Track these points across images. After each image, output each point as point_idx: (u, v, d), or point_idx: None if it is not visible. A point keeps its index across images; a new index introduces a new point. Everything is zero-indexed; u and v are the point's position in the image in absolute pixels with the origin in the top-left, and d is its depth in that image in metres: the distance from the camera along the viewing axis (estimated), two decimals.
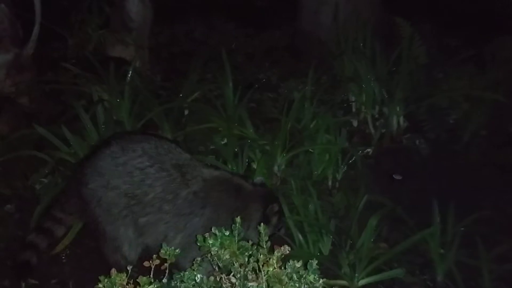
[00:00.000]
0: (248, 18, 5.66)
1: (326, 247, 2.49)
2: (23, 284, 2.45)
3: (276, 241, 2.61)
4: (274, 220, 2.39)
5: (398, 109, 3.73)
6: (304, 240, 2.48)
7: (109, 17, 4.71)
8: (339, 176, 3.15)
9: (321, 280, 1.43)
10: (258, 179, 2.54)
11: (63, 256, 2.67)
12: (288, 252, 1.54)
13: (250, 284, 1.55)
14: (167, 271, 1.59)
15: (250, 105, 4.14)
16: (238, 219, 1.67)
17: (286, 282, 1.45)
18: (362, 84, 3.76)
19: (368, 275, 2.42)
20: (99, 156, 2.46)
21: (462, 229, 2.49)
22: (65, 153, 3.02)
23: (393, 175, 3.48)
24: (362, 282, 2.42)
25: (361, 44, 3.97)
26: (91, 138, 3.06)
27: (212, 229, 1.65)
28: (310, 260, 1.51)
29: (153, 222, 2.39)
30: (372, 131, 3.79)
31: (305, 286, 1.42)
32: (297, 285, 1.41)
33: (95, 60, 3.79)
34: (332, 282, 2.38)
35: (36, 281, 2.50)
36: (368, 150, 3.63)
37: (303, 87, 3.73)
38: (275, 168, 3.11)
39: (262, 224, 1.66)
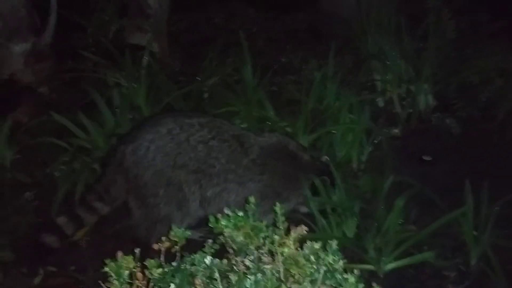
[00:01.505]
0: (269, 1, 5.54)
1: (351, 230, 2.37)
2: (42, 271, 2.42)
3: (297, 223, 2.54)
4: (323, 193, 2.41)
5: (426, 87, 3.55)
6: (327, 222, 2.36)
7: (127, 4, 4.67)
8: (364, 158, 3.01)
9: (341, 262, 1.32)
10: (324, 157, 2.64)
11: (82, 242, 2.62)
12: (305, 232, 1.43)
13: (265, 266, 1.45)
14: (177, 254, 1.50)
15: (271, 89, 4.05)
16: (252, 199, 1.57)
17: (304, 264, 1.34)
18: (387, 62, 3.58)
19: (395, 259, 2.30)
20: (155, 136, 2.44)
21: (497, 208, 2.32)
22: (84, 140, 2.98)
23: (422, 156, 3.32)
24: (389, 266, 2.30)
25: (386, 21, 3.79)
26: (108, 124, 3.00)
27: (225, 209, 1.55)
28: (329, 241, 1.40)
29: (218, 192, 2.44)
30: (399, 110, 3.62)
31: (324, 267, 1.31)
32: (315, 266, 1.30)
33: (113, 47, 3.75)
34: (357, 266, 2.25)
35: (54, 268, 2.46)
36: (396, 130, 3.48)
37: (325, 68, 3.59)
38: None
39: (277, 204, 1.56)
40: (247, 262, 1.43)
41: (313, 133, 3.03)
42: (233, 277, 1.32)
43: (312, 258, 1.32)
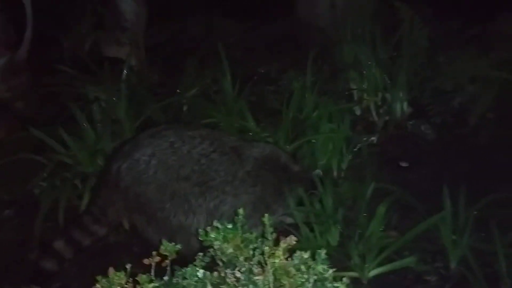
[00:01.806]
0: (246, 12, 5.59)
1: (334, 238, 2.41)
2: None
3: (281, 233, 2.57)
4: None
5: (401, 94, 3.64)
6: (311, 231, 2.40)
7: (103, 17, 4.66)
8: (344, 166, 3.07)
9: (330, 271, 1.36)
10: (316, 171, 2.71)
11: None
12: (294, 242, 1.47)
13: (256, 278, 1.47)
14: (168, 268, 1.51)
15: (251, 99, 4.09)
16: (241, 211, 1.59)
17: (294, 274, 1.37)
18: (363, 71, 3.66)
19: (378, 265, 2.34)
20: (156, 150, 2.42)
21: (475, 213, 2.39)
22: (64, 156, 2.95)
23: (400, 163, 3.40)
24: (373, 272, 2.34)
25: (360, 30, 3.87)
26: (89, 139, 2.98)
27: (214, 222, 1.57)
28: (318, 250, 1.43)
29: (218, 204, 2.45)
30: (376, 118, 3.71)
31: (314, 277, 1.34)
32: (305, 276, 1.33)
33: (90, 61, 3.73)
34: (342, 274, 2.29)
35: (37, 286, 2.43)
36: (373, 138, 3.54)
37: (303, 78, 3.64)
38: None
39: (266, 215, 1.59)
40: (238, 274, 1.45)
41: (294, 143, 3.07)
42: None
43: (302, 267, 1.34)
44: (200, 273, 1.37)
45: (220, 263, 1.56)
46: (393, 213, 2.73)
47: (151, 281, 1.39)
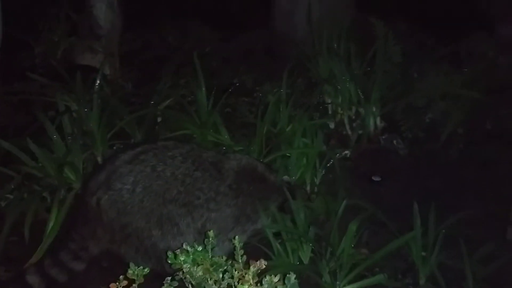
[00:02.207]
0: (223, 21, 5.58)
1: (306, 256, 2.41)
2: None
3: (253, 251, 2.56)
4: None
5: (374, 109, 3.69)
6: (283, 248, 2.39)
7: (77, 24, 4.59)
8: (317, 181, 3.08)
9: None
10: (284, 177, 2.72)
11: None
12: (264, 266, 1.46)
13: None
14: None
15: (225, 110, 4.07)
16: (211, 233, 1.58)
17: None
18: (337, 85, 3.70)
19: (349, 282, 2.35)
20: (140, 176, 2.34)
21: (444, 231, 2.43)
22: (32, 168, 2.88)
23: (372, 177, 3.43)
24: None
25: (335, 45, 3.91)
26: (58, 150, 2.92)
27: (184, 245, 1.56)
28: (288, 275, 1.43)
29: (204, 222, 2.41)
30: (350, 132, 3.74)
31: None
32: None
33: (61, 68, 3.66)
34: None
35: None
36: (346, 152, 3.58)
37: (278, 90, 3.65)
38: None
39: (236, 237, 1.58)
40: None
41: (268, 156, 3.07)
42: None
43: None
44: None
45: (190, 287, 1.55)
46: (365, 229, 2.76)
47: None
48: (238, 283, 1.46)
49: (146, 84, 4.33)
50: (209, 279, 1.51)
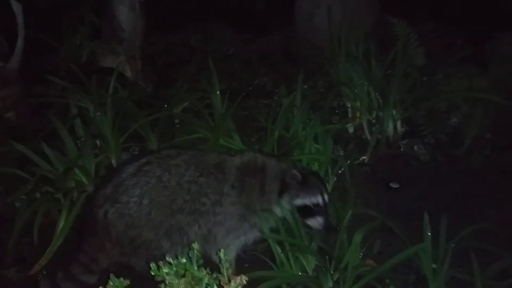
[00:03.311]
0: (246, 23, 5.55)
1: (310, 266, 2.34)
2: None
3: (255, 261, 2.51)
4: (294, 190, 2.42)
5: (394, 113, 3.56)
6: (286, 259, 2.34)
7: (100, 27, 4.66)
8: (329, 187, 3.00)
9: None
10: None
11: (39, 277, 2.56)
12: (245, 282, 1.42)
13: None
14: None
15: (243, 113, 4.05)
16: (196, 245, 1.55)
17: None
18: (355, 89, 3.60)
19: None
20: (146, 188, 2.34)
21: (453, 245, 2.32)
22: (46, 170, 2.93)
23: (390, 184, 3.32)
24: None
25: (355, 47, 3.81)
26: (71, 153, 2.96)
27: (167, 257, 1.53)
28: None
29: (210, 227, 2.40)
30: (369, 137, 3.64)
31: None
32: None
33: (81, 71, 3.72)
34: None
35: None
36: (364, 157, 3.48)
37: (292, 94, 3.58)
38: None
39: (221, 250, 1.54)
40: None
41: None
42: None
43: None
44: None
45: None
46: (376, 238, 2.68)
47: None
48: None
49: (166, 86, 4.35)
50: None
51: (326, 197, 2.48)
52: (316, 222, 2.44)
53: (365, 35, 3.86)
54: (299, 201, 2.43)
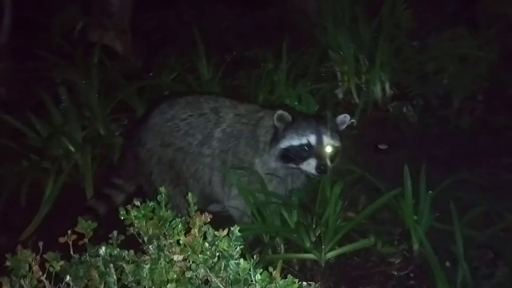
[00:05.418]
0: None
1: (292, 220, 2.36)
2: None
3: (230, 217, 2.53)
4: (282, 133, 2.31)
5: (382, 76, 3.54)
6: (268, 213, 2.35)
7: (90, 3, 4.65)
8: None
9: (238, 248, 1.32)
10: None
11: (28, 243, 2.60)
12: (209, 220, 1.44)
13: (174, 256, 1.45)
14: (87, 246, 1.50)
15: (234, 83, 4.05)
16: (162, 189, 1.57)
17: (202, 251, 1.34)
18: (343, 53, 3.58)
19: (337, 246, 2.30)
20: (150, 115, 2.57)
21: (430, 192, 2.32)
22: (33, 139, 2.96)
23: (378, 145, 3.32)
24: (330, 254, 2.29)
25: (342, 12, 3.78)
26: (56, 120, 2.99)
27: (134, 200, 1.55)
28: (231, 228, 1.40)
29: (200, 168, 2.49)
30: (357, 101, 3.63)
31: (219, 253, 1.31)
32: (208, 253, 1.30)
33: (69, 46, 3.73)
34: (296, 255, 2.26)
35: None
36: (353, 120, 3.47)
37: (287, 62, 3.56)
38: None
39: (189, 194, 1.56)
40: (151, 251, 1.43)
41: None
42: (126, 267, 1.31)
43: (206, 244, 1.32)
44: (102, 250, 1.35)
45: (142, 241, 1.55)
46: (361, 195, 2.70)
47: (58, 259, 1.37)
48: (186, 237, 1.44)
49: (158, 60, 4.36)
50: (160, 234, 1.50)
51: (325, 139, 2.30)
52: (309, 166, 2.27)
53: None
54: (286, 143, 2.30)
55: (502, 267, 2.28)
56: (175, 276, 1.28)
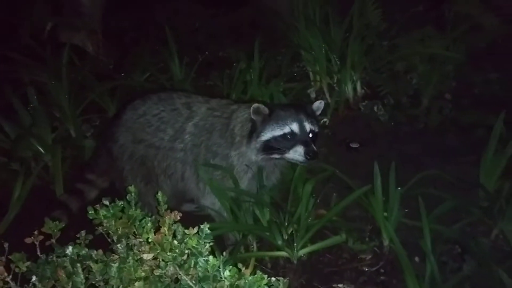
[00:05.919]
0: None
1: (264, 218, 2.37)
2: None
3: (203, 217, 2.53)
4: (261, 125, 2.27)
5: (353, 75, 3.60)
6: (240, 212, 2.36)
7: (61, 3, 4.58)
8: None
9: (207, 245, 1.33)
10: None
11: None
12: (179, 218, 1.44)
13: (143, 255, 1.44)
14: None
15: (207, 83, 4.05)
16: (132, 188, 1.56)
17: (172, 249, 1.34)
18: (315, 54, 3.62)
19: (309, 244, 2.32)
20: (123, 111, 2.57)
21: (399, 189, 2.37)
22: (1, 141, 2.91)
23: (350, 144, 3.37)
24: (302, 251, 2.31)
25: (313, 13, 3.82)
26: (24, 122, 2.94)
27: (103, 199, 1.54)
28: (201, 226, 1.40)
29: (172, 164, 2.47)
30: (329, 100, 3.67)
31: (188, 251, 1.31)
32: (177, 251, 1.30)
33: (40, 48, 3.67)
34: (268, 253, 2.28)
35: None
36: (325, 119, 3.51)
37: (259, 61, 3.58)
38: None
39: (159, 192, 1.56)
40: (120, 250, 1.42)
41: None
42: (94, 266, 1.31)
43: (175, 242, 1.32)
44: (69, 250, 1.34)
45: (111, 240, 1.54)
46: (332, 193, 2.73)
47: (24, 260, 1.35)
48: (155, 235, 1.44)
49: (130, 60, 4.32)
50: (128, 233, 1.49)
51: (307, 125, 2.27)
52: (296, 153, 2.22)
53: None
54: (268, 134, 2.26)
55: (469, 261, 2.34)
56: (143, 274, 1.28)
